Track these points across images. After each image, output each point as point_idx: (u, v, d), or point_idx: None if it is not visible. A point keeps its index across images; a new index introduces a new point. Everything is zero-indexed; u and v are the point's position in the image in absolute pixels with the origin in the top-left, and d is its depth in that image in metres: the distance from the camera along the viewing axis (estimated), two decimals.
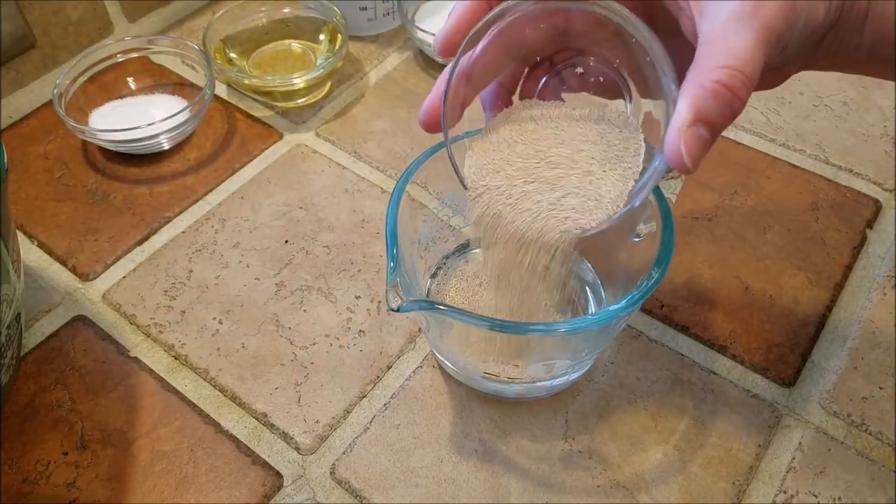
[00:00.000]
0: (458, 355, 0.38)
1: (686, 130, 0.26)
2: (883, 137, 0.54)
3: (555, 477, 0.38)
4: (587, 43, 0.34)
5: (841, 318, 0.44)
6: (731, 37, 0.26)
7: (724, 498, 0.37)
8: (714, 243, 0.47)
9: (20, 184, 0.52)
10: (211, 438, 0.40)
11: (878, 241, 0.48)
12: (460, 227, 0.44)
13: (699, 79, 0.26)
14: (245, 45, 0.59)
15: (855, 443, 0.39)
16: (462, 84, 0.33)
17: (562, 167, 0.32)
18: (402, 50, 0.61)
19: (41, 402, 0.41)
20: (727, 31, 0.26)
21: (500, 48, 0.33)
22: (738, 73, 0.25)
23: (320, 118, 0.56)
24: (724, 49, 0.26)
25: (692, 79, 0.26)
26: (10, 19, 0.52)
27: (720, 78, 0.25)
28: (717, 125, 0.26)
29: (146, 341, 0.44)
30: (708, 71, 0.26)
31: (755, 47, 0.26)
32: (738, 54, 0.25)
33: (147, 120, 0.51)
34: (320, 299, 0.45)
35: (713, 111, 0.26)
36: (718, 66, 0.25)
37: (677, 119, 0.26)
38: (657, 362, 0.42)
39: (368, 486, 0.38)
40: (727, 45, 0.26)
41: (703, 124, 0.26)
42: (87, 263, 0.47)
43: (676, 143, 0.26)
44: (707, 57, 0.26)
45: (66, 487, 0.38)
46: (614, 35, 0.32)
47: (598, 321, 0.32)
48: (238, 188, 0.52)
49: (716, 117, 0.26)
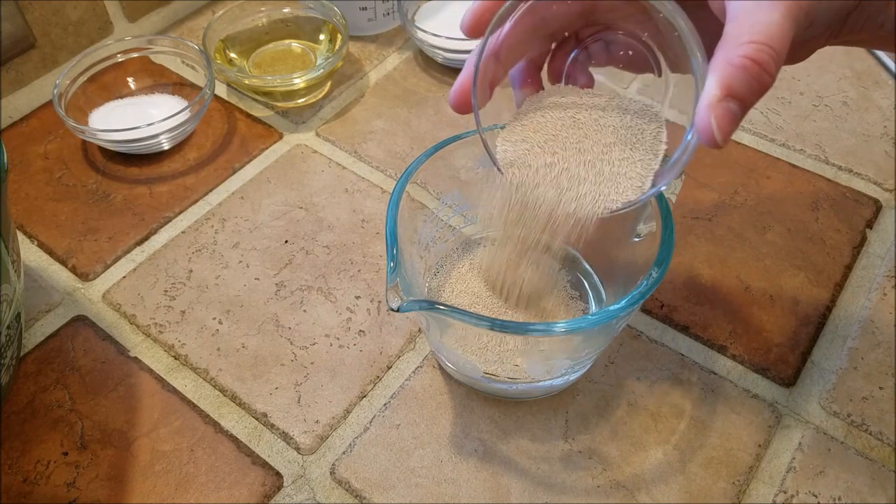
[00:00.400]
0: (458, 355, 0.38)
1: (716, 106, 0.26)
2: (883, 137, 0.54)
3: (555, 477, 0.38)
4: (614, 18, 0.34)
5: (841, 318, 0.44)
6: (760, 12, 0.26)
7: (724, 498, 0.37)
8: (714, 243, 0.47)
9: (20, 184, 0.52)
10: (211, 438, 0.40)
11: (878, 241, 0.48)
12: (460, 227, 0.44)
13: (728, 54, 0.26)
14: (245, 45, 0.59)
15: (855, 443, 0.39)
16: (491, 63, 0.33)
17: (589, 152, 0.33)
18: (402, 50, 0.61)
19: (41, 402, 0.41)
20: (755, 7, 0.26)
21: (528, 26, 0.33)
22: (766, 47, 0.25)
23: (320, 118, 0.56)
24: (753, 24, 0.26)
25: (721, 54, 0.26)
26: (10, 19, 0.52)
27: (748, 53, 0.25)
28: (747, 100, 0.26)
29: (146, 341, 0.44)
30: (737, 46, 0.26)
31: (783, 22, 0.26)
32: (767, 29, 0.26)
33: (147, 120, 0.51)
34: (320, 299, 0.45)
35: (743, 86, 0.26)
36: (746, 41, 0.26)
37: (707, 95, 0.26)
38: (657, 362, 0.42)
39: (368, 486, 0.38)
40: (755, 19, 0.26)
41: (732, 99, 0.26)
42: (87, 263, 0.47)
43: (707, 118, 0.26)
44: (735, 32, 0.26)
45: (66, 487, 0.38)
46: (641, 10, 0.32)
47: (598, 321, 0.32)
48: (238, 188, 0.52)
49: (745, 92, 0.26)
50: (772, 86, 0.26)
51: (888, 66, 0.59)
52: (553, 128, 0.34)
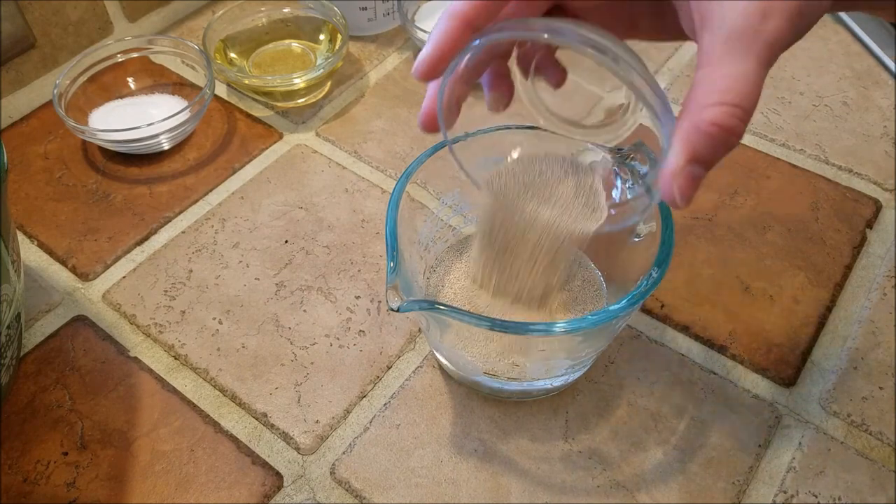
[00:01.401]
0: (458, 355, 0.38)
1: (679, 174, 0.26)
2: (883, 137, 0.54)
3: (555, 477, 0.38)
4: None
5: (841, 318, 0.44)
6: (732, 62, 0.25)
7: (724, 498, 0.37)
8: (714, 243, 0.47)
9: (20, 184, 0.52)
10: (211, 438, 0.40)
11: (878, 241, 0.48)
12: (460, 228, 0.44)
13: (695, 118, 0.25)
14: (245, 45, 0.59)
15: (855, 443, 0.39)
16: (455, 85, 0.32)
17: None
18: (402, 50, 0.61)
19: (41, 402, 0.41)
20: (728, 52, 0.25)
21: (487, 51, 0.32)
22: (736, 109, 0.25)
23: (320, 118, 0.56)
24: (723, 77, 0.25)
25: (688, 117, 0.25)
26: (10, 19, 0.52)
27: (716, 119, 0.25)
28: (712, 161, 0.26)
29: (146, 341, 0.44)
30: (705, 108, 0.25)
31: (757, 71, 0.25)
32: (738, 86, 0.25)
33: (147, 120, 0.51)
34: (320, 299, 0.45)
35: (708, 150, 0.25)
36: (716, 102, 0.25)
37: (671, 163, 0.26)
38: (657, 362, 0.42)
39: (368, 486, 0.38)
40: (726, 71, 0.25)
41: (697, 164, 0.26)
42: (87, 263, 0.47)
43: (670, 186, 0.26)
44: (704, 90, 0.25)
45: (66, 487, 0.38)
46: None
47: (598, 321, 0.32)
48: (238, 188, 0.52)
49: (710, 155, 0.25)
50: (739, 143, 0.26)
51: (888, 66, 0.59)
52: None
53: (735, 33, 0.25)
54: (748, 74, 0.25)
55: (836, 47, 0.61)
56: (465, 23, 0.28)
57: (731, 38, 0.25)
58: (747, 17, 0.25)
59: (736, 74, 0.25)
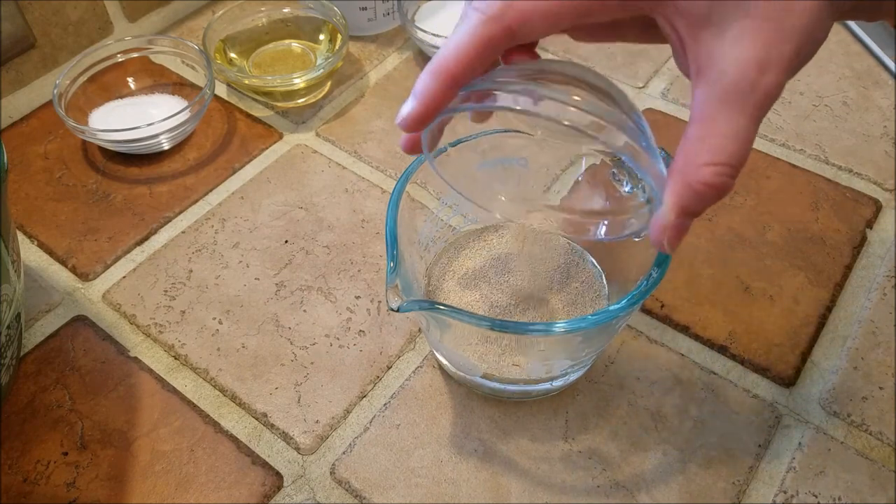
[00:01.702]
0: (458, 355, 0.38)
1: (670, 227, 0.27)
2: (883, 137, 0.54)
3: (555, 477, 0.38)
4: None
5: (841, 318, 0.44)
6: (726, 121, 0.25)
7: (724, 498, 0.37)
8: (714, 243, 0.47)
9: (20, 184, 0.52)
10: (211, 438, 0.40)
11: (878, 241, 0.48)
12: (460, 228, 0.44)
13: (687, 177, 0.25)
14: (245, 45, 0.59)
15: (855, 443, 0.39)
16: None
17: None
18: (402, 50, 0.61)
19: (41, 402, 0.41)
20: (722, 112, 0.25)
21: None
22: (728, 168, 0.25)
23: (320, 118, 0.56)
24: (716, 137, 0.25)
25: (680, 173, 0.26)
26: (10, 19, 0.52)
27: (707, 179, 0.25)
28: (701, 212, 0.27)
29: (146, 341, 0.44)
30: (696, 168, 0.25)
31: (749, 128, 0.25)
32: (730, 147, 0.25)
33: (147, 120, 0.51)
34: (320, 299, 0.45)
35: (698, 206, 0.26)
36: (707, 162, 0.25)
37: (662, 216, 0.27)
38: (657, 362, 0.42)
39: (368, 486, 0.38)
40: (719, 129, 0.25)
41: (686, 217, 0.26)
42: (87, 263, 0.47)
43: (660, 237, 0.27)
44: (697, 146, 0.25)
45: (66, 487, 0.38)
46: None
47: (598, 321, 0.32)
48: (238, 188, 0.52)
49: (699, 209, 0.26)
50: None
51: (888, 66, 0.59)
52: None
53: (731, 88, 0.25)
54: (741, 132, 0.25)
55: (836, 47, 0.61)
56: (449, 80, 0.28)
57: (726, 95, 0.25)
58: (745, 72, 0.24)
59: (729, 133, 0.25)
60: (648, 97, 0.57)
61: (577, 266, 0.42)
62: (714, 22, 0.25)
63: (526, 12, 0.27)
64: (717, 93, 0.25)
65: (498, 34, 0.27)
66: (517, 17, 0.27)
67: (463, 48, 0.27)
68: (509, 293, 0.41)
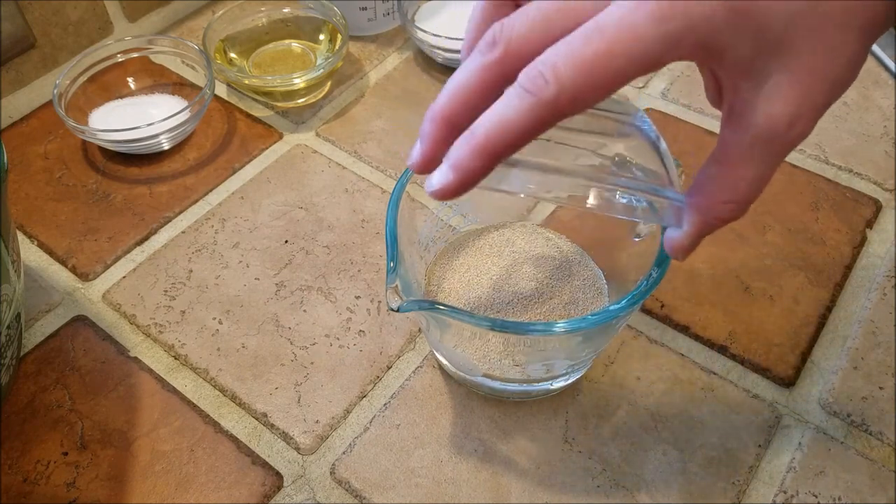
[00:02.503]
0: (458, 355, 0.38)
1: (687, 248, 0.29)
2: (883, 137, 0.54)
3: (555, 477, 0.38)
4: None
5: (841, 318, 0.44)
6: (750, 167, 0.26)
7: (724, 498, 0.37)
8: (714, 243, 0.47)
9: (20, 184, 0.52)
10: (211, 438, 0.40)
11: (878, 241, 0.48)
12: (460, 228, 0.44)
13: (707, 214, 0.27)
14: (245, 45, 0.59)
15: (855, 443, 0.39)
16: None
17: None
18: (402, 50, 0.61)
19: (41, 402, 0.41)
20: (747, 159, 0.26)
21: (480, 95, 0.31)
22: (744, 205, 0.27)
23: (320, 118, 0.56)
24: (738, 181, 0.26)
25: (701, 208, 0.28)
26: (10, 19, 0.52)
27: (724, 215, 0.27)
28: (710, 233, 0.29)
29: (146, 341, 0.44)
30: (716, 205, 0.27)
31: (769, 175, 0.26)
32: (749, 190, 0.26)
33: (147, 120, 0.51)
34: (320, 299, 0.45)
35: (712, 231, 0.28)
36: (727, 200, 0.27)
37: (681, 239, 0.29)
38: (657, 362, 0.42)
39: (368, 486, 0.38)
40: (742, 175, 0.26)
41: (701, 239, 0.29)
42: (87, 263, 0.47)
43: (675, 252, 0.29)
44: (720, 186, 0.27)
45: (66, 487, 0.38)
46: None
47: (598, 321, 0.32)
48: (238, 188, 0.52)
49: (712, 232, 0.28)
50: None
51: (888, 66, 0.59)
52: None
53: (760, 139, 0.25)
54: (761, 178, 0.26)
55: None
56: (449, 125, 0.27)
57: (754, 144, 0.25)
58: (775, 127, 0.25)
59: (751, 178, 0.26)
60: (648, 97, 0.57)
61: (577, 266, 0.42)
62: (753, 74, 0.25)
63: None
64: (746, 140, 0.26)
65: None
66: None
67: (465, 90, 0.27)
68: (509, 293, 0.41)
